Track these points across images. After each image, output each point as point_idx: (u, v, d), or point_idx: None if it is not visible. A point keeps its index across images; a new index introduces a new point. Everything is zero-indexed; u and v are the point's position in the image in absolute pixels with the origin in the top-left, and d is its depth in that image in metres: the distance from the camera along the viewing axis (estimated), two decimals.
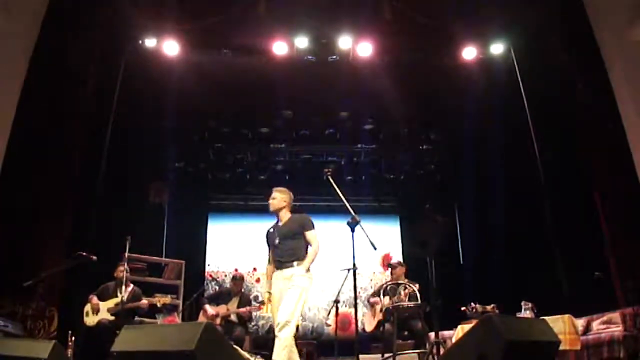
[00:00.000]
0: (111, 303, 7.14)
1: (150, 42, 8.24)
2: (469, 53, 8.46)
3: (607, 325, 6.70)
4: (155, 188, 10.02)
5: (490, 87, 8.56)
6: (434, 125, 10.09)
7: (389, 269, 7.82)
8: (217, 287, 10.42)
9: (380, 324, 7.04)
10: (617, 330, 6.42)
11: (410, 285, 6.55)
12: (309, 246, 5.23)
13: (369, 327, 7.50)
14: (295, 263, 5.12)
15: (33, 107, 6.98)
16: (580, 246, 7.81)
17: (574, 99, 7.79)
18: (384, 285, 7.19)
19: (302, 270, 5.08)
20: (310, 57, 8.44)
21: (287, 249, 5.22)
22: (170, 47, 8.26)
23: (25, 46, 7.01)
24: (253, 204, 11.17)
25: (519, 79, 8.10)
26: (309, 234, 5.25)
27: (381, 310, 6.97)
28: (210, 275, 10.79)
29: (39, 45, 7.09)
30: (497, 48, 8.44)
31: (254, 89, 8.71)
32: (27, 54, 6.99)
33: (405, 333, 6.93)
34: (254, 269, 10.87)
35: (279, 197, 5.48)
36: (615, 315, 6.68)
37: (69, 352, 5.95)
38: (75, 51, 7.53)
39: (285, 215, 5.46)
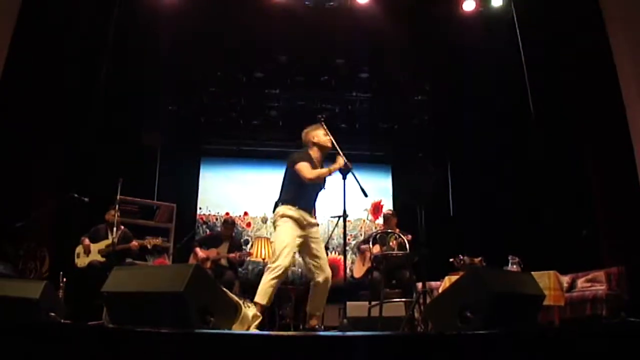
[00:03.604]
0: (102, 245, 7.19)
1: None
2: (469, 5, 8.28)
3: (592, 284, 6.81)
4: (148, 131, 9.95)
5: (489, 41, 8.42)
6: (430, 76, 9.98)
7: (382, 218, 7.83)
8: (208, 231, 10.47)
9: (368, 271, 7.12)
10: (601, 288, 6.53)
11: (401, 235, 6.57)
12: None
13: (358, 274, 7.59)
14: None
15: (26, 47, 6.84)
16: (568, 203, 7.87)
17: (572, 55, 7.74)
18: (375, 233, 7.24)
19: None
20: (307, 2, 8.26)
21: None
22: None
23: None
24: (246, 149, 11.14)
25: (518, 35, 7.99)
26: None
27: (370, 259, 7.02)
28: (202, 219, 10.83)
29: None
30: (497, 1, 8.26)
31: (249, 33, 8.55)
32: None
33: (393, 282, 7.02)
34: (245, 214, 10.91)
35: None
36: (600, 274, 6.78)
37: (60, 292, 6.01)
38: None
39: None
